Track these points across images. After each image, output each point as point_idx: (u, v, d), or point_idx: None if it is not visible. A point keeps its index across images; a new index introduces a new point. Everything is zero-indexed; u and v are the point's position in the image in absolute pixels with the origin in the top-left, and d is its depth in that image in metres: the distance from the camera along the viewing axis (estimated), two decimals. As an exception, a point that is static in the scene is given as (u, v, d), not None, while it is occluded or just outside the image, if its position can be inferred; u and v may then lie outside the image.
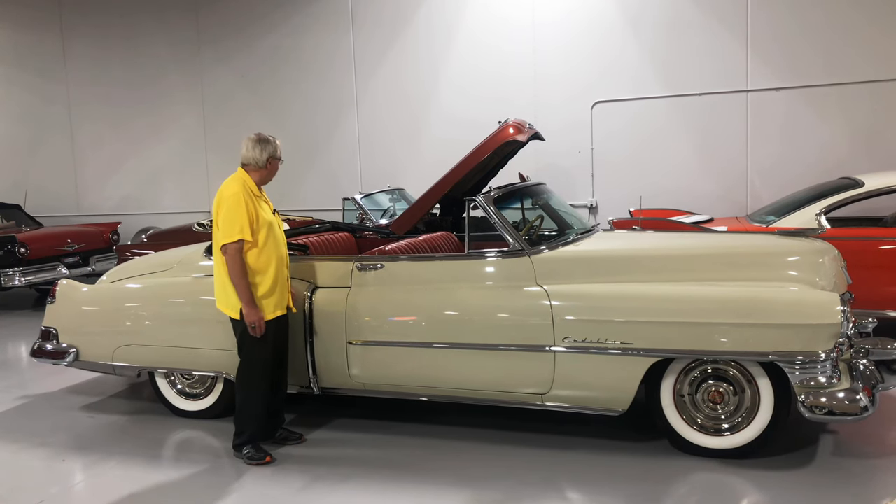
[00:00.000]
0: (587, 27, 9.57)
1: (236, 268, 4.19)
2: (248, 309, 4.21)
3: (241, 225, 4.18)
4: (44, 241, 9.78)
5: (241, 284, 4.20)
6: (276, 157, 4.45)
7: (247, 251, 4.23)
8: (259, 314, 4.23)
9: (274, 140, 4.47)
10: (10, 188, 12.76)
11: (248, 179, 4.37)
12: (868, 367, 4.12)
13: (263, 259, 4.28)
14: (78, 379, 6.22)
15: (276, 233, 4.39)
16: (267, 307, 4.29)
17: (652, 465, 4.11)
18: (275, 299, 4.33)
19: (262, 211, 4.34)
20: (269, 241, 4.30)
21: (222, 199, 4.26)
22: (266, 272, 4.28)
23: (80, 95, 12.95)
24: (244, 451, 4.40)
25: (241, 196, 4.22)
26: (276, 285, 4.32)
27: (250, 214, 4.22)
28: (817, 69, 8.64)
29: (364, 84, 10.97)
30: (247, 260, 4.23)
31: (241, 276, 4.19)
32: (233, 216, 4.18)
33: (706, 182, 9.12)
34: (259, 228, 4.26)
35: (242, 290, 4.20)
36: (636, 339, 4.04)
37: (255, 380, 4.38)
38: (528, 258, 4.45)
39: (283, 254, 4.43)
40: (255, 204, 4.28)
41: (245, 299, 4.21)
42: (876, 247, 5.95)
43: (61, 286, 5.50)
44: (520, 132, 6.05)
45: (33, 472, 4.46)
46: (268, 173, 4.45)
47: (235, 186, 4.28)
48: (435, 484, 4.02)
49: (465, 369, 4.44)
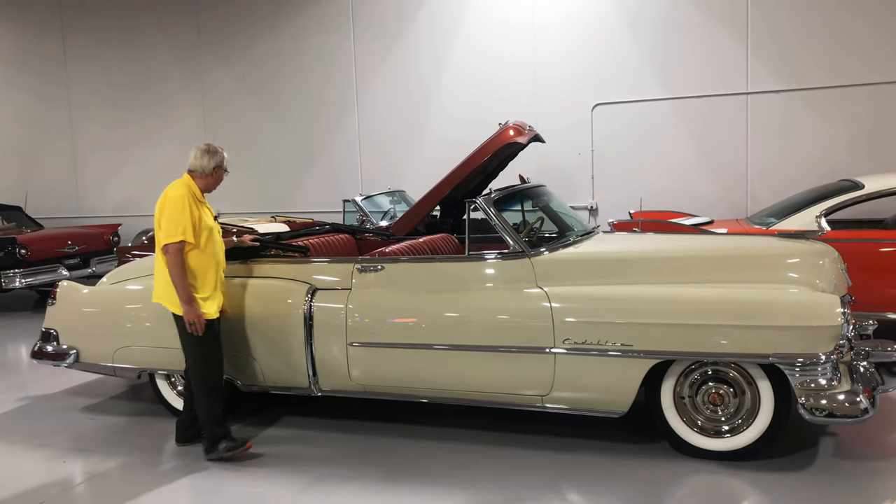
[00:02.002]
0: (587, 29, 9.59)
1: (177, 267, 4.34)
2: (188, 307, 4.36)
3: (185, 226, 4.34)
4: (44, 243, 9.78)
5: (181, 284, 4.35)
6: (222, 167, 4.62)
7: (188, 252, 4.38)
8: (198, 312, 4.38)
9: (221, 151, 4.64)
10: (11, 190, 12.76)
11: (193, 185, 4.53)
12: (868, 370, 4.12)
13: (204, 261, 4.45)
14: (78, 380, 6.22)
15: (216, 238, 4.59)
16: (209, 307, 4.45)
17: (652, 466, 4.11)
18: (215, 301, 4.50)
19: (205, 216, 4.50)
20: (210, 244, 4.50)
21: (166, 200, 4.41)
22: (206, 274, 4.46)
23: (80, 97, 12.96)
24: (220, 446, 4.46)
25: (185, 199, 4.38)
26: (216, 287, 4.51)
27: (193, 217, 4.38)
28: (817, 72, 8.65)
29: (364, 86, 10.99)
30: (188, 261, 4.39)
31: (181, 275, 4.34)
32: (176, 218, 4.34)
33: (706, 184, 9.13)
34: (201, 231, 4.44)
35: (183, 289, 4.35)
36: (636, 341, 4.04)
37: (217, 379, 4.55)
38: (529, 260, 4.46)
39: (220, 259, 4.60)
40: (198, 208, 4.45)
41: (185, 298, 4.36)
42: (876, 249, 5.95)
43: (62, 287, 5.50)
44: (520, 134, 6.06)
45: (34, 474, 4.45)
46: (213, 181, 4.62)
47: (180, 190, 4.43)
48: (435, 485, 4.02)
49: (465, 371, 4.44)
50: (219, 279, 4.56)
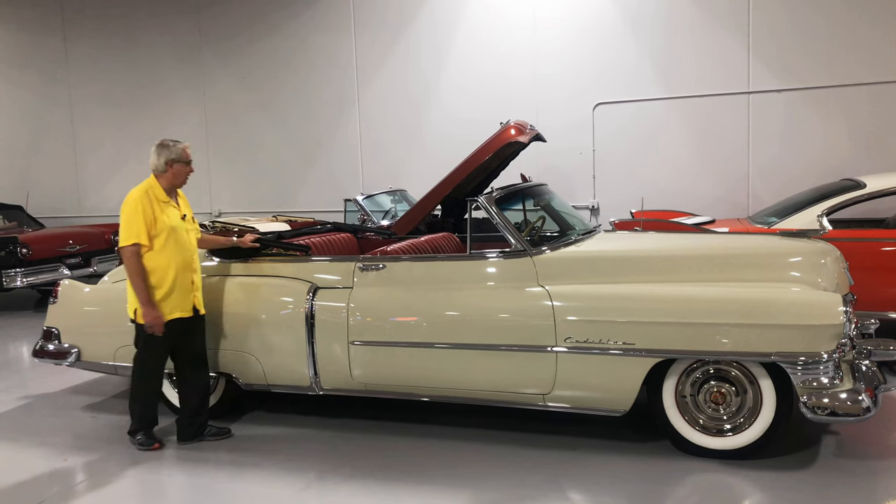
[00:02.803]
0: (588, 28, 9.59)
1: (131, 269, 4.42)
2: (145, 309, 4.42)
3: (137, 230, 4.41)
4: (45, 242, 9.78)
5: (137, 285, 4.42)
6: (177, 160, 4.58)
7: (144, 254, 4.43)
8: (155, 313, 4.42)
9: (175, 144, 4.60)
10: (12, 189, 12.78)
11: (155, 185, 4.57)
12: (870, 368, 4.12)
13: (161, 262, 4.47)
14: (79, 379, 6.22)
15: (181, 237, 4.56)
16: (165, 308, 4.46)
17: (654, 465, 4.11)
18: (173, 301, 4.50)
19: (165, 216, 4.51)
20: (169, 245, 4.49)
21: (124, 204, 4.52)
22: (164, 275, 4.47)
23: (81, 96, 12.96)
24: (136, 437, 4.67)
25: (139, 202, 4.45)
26: (175, 288, 4.50)
27: (147, 219, 4.43)
28: (818, 71, 8.65)
29: (365, 85, 10.99)
30: (145, 262, 4.43)
31: (137, 277, 4.42)
32: (129, 221, 4.44)
33: (707, 183, 9.13)
34: (157, 233, 4.46)
35: (139, 290, 4.42)
36: (638, 340, 4.04)
37: (146, 378, 4.63)
38: (530, 259, 4.45)
39: (187, 259, 4.58)
40: (155, 209, 4.48)
41: (141, 299, 4.42)
42: (878, 248, 5.94)
43: (63, 286, 5.50)
44: (521, 133, 6.05)
45: (34, 472, 4.45)
46: (171, 177, 4.60)
47: (137, 193, 4.50)
48: (436, 484, 4.02)
49: (466, 370, 4.44)
50: (184, 280, 4.53)
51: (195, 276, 4.64)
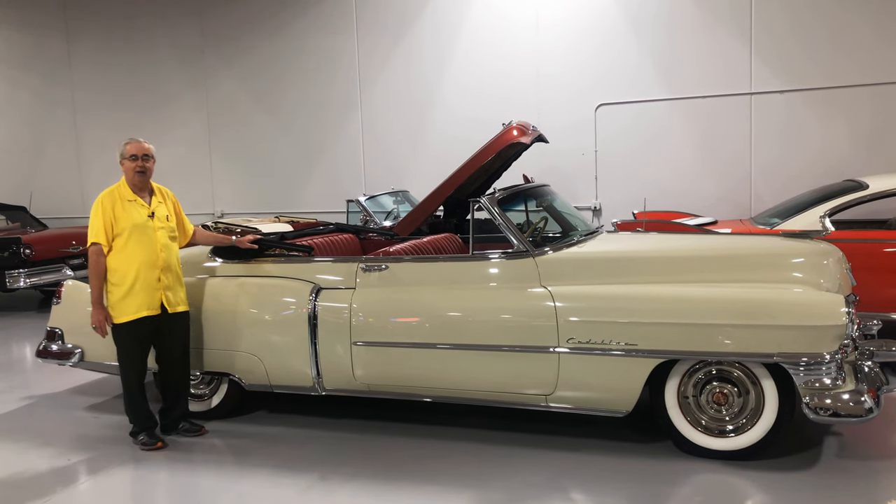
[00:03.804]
0: (591, 29, 9.59)
1: (91, 269, 4.50)
2: (93, 309, 4.51)
3: (97, 230, 4.48)
4: (48, 243, 9.81)
5: (92, 284, 4.51)
6: (122, 157, 4.65)
7: (108, 253, 4.52)
8: (102, 315, 4.49)
9: (123, 143, 4.67)
10: (15, 190, 12.78)
11: (123, 184, 4.65)
12: (873, 369, 4.11)
13: (123, 261, 4.51)
14: (83, 379, 6.23)
15: (147, 236, 4.56)
16: (127, 307, 4.52)
17: (656, 466, 4.11)
18: (138, 300, 4.52)
19: (128, 215, 4.53)
20: (131, 244, 4.52)
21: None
22: (126, 274, 4.50)
23: (84, 98, 12.99)
24: (139, 437, 4.71)
25: (101, 202, 4.52)
26: (138, 287, 4.51)
27: (106, 219, 4.48)
28: (820, 72, 8.65)
29: (368, 86, 11.00)
30: (108, 261, 4.50)
31: (93, 276, 4.50)
32: (91, 221, 4.52)
33: (710, 184, 9.13)
34: (119, 232, 4.50)
35: (92, 289, 4.52)
36: (640, 341, 4.04)
37: (125, 377, 4.67)
38: (533, 259, 4.46)
39: (152, 257, 4.56)
40: (117, 209, 4.52)
41: (92, 299, 4.52)
42: (880, 249, 5.94)
43: (67, 287, 5.51)
44: (524, 134, 6.06)
45: (38, 472, 4.46)
46: (128, 175, 4.65)
47: (103, 193, 4.59)
48: (438, 484, 4.02)
49: (469, 370, 4.45)
50: (149, 278, 4.52)
51: (163, 275, 4.58)
